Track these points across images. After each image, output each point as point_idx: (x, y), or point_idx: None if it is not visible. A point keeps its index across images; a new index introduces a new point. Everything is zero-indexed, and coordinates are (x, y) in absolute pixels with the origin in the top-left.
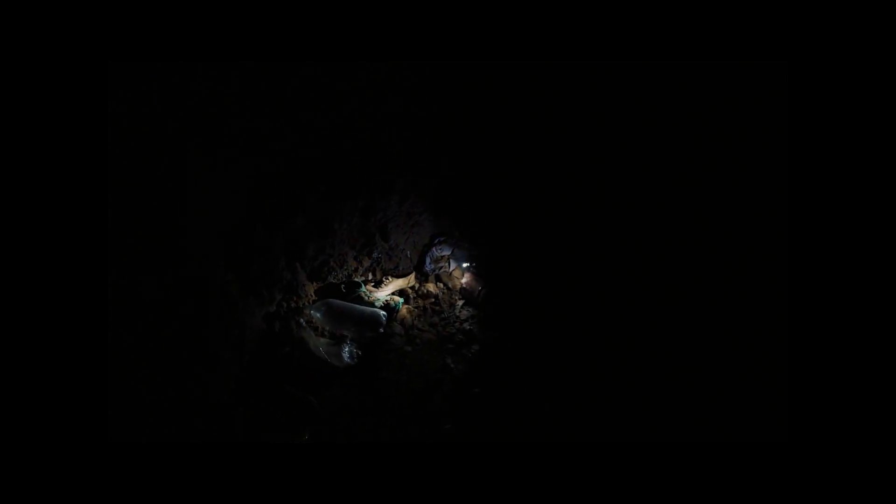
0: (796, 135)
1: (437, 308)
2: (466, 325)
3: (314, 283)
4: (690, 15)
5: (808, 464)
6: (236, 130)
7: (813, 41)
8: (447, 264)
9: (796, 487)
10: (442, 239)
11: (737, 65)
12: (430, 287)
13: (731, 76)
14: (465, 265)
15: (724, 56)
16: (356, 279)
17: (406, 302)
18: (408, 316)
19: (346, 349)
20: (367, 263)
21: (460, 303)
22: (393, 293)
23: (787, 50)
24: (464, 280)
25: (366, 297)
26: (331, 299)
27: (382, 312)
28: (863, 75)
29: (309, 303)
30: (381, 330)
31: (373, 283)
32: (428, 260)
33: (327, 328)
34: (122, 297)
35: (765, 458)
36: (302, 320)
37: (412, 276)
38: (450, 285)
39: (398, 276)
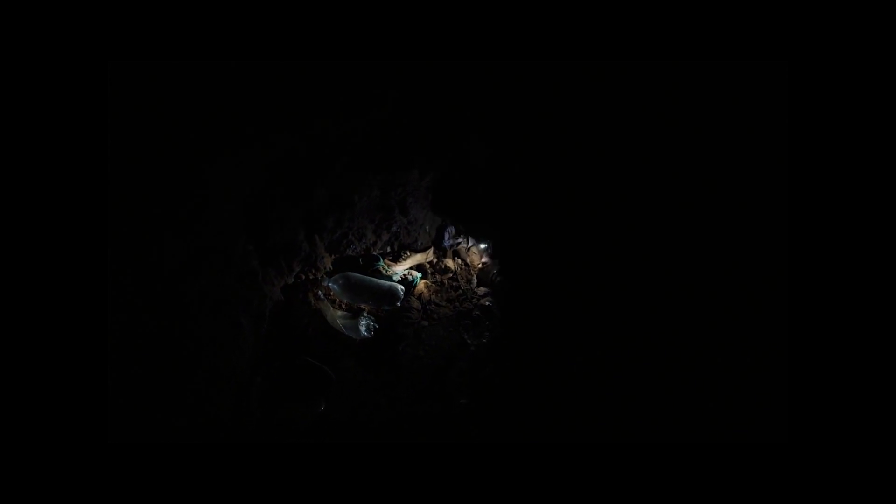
0: (796, 137)
1: (455, 284)
2: (485, 302)
3: (332, 256)
4: (690, 15)
5: (808, 464)
6: (255, 110)
7: (813, 41)
8: (465, 241)
9: (796, 487)
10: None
11: (736, 66)
12: (449, 263)
13: (730, 77)
14: (482, 246)
15: (723, 57)
16: (374, 253)
17: (424, 277)
18: (425, 291)
19: (363, 322)
20: (385, 237)
21: (477, 280)
22: (411, 268)
23: (788, 51)
24: (482, 261)
25: (384, 271)
26: (349, 272)
27: (400, 286)
28: (864, 77)
29: (327, 275)
30: (399, 304)
31: (391, 258)
32: (447, 235)
33: (345, 301)
34: (140, 270)
35: (765, 458)
36: (319, 292)
37: (430, 251)
38: (468, 261)
39: (416, 251)
